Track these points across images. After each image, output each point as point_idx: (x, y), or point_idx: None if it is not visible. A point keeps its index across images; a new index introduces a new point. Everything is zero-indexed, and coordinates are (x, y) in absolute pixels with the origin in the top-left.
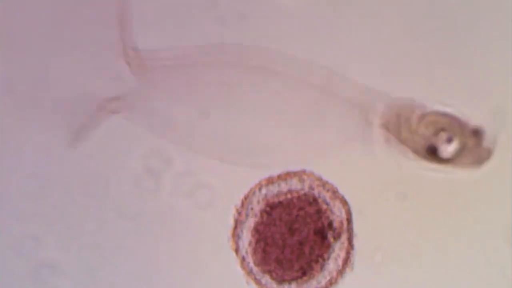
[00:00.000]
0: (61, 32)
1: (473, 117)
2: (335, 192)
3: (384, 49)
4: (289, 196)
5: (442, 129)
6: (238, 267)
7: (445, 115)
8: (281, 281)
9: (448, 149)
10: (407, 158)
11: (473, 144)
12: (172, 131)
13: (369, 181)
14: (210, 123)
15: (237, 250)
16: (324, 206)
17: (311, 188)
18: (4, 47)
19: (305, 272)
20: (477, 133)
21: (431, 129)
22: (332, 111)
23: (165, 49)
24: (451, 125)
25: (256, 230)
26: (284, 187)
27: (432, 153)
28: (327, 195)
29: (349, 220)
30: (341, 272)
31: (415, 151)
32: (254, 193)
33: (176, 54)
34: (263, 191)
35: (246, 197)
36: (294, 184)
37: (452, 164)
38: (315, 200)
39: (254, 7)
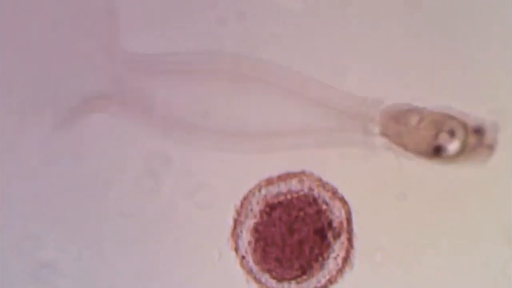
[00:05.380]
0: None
1: (473, 116)
2: (334, 193)
3: (384, 48)
4: (288, 196)
5: (442, 128)
6: (238, 266)
7: (443, 114)
8: (281, 280)
9: (451, 146)
10: (412, 160)
11: (475, 142)
12: (168, 129)
13: (369, 181)
14: (209, 123)
15: (236, 250)
16: (324, 207)
17: (310, 188)
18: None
19: (305, 271)
20: (478, 131)
21: (432, 129)
22: (329, 121)
23: (158, 54)
24: (451, 122)
25: (256, 230)
26: (283, 187)
27: (438, 153)
28: (326, 196)
29: (349, 220)
30: (340, 271)
31: (420, 154)
32: (253, 193)
33: (170, 59)
34: (263, 191)
35: (245, 198)
36: (294, 184)
37: (458, 160)
38: (315, 200)
39: (254, 7)
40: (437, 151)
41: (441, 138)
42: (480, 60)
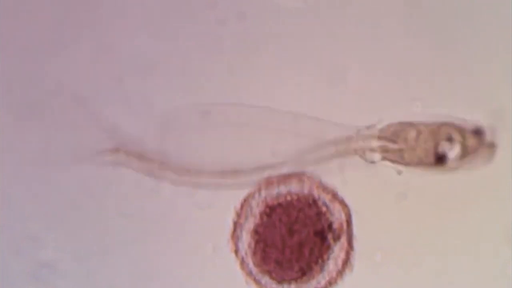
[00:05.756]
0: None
1: (471, 119)
2: (334, 194)
3: (383, 48)
4: (288, 198)
5: (441, 137)
6: (237, 268)
7: (438, 122)
8: (280, 281)
9: (453, 153)
10: (417, 173)
11: (475, 143)
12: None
13: (369, 181)
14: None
15: (236, 251)
16: (324, 208)
17: (310, 190)
18: None
19: (304, 273)
20: (477, 132)
21: (431, 141)
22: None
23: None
24: (448, 129)
25: (256, 231)
26: (283, 189)
27: (441, 162)
28: (326, 197)
29: (349, 222)
30: (340, 273)
31: (425, 167)
32: (253, 195)
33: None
34: (263, 193)
35: (245, 199)
36: (294, 186)
37: (460, 168)
38: (314, 202)
39: (254, 7)
40: (440, 161)
41: (442, 147)
42: (480, 61)
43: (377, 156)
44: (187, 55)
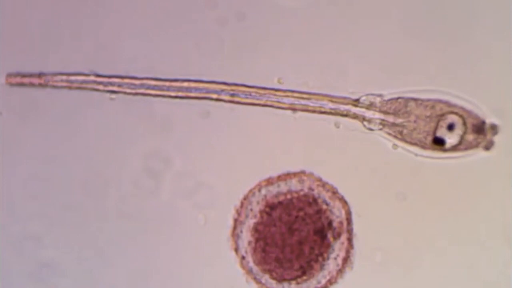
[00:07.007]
0: None
1: (474, 112)
2: (335, 193)
3: (384, 48)
4: (288, 196)
5: (442, 120)
6: (237, 266)
7: (443, 106)
8: (281, 280)
9: (450, 139)
10: (415, 154)
11: (473, 137)
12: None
13: (369, 181)
14: (209, 124)
15: (236, 250)
16: (324, 207)
17: (310, 188)
18: None
19: (305, 272)
20: (477, 126)
21: (432, 122)
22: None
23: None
24: (451, 115)
25: (256, 230)
26: (283, 187)
27: (439, 143)
28: (326, 196)
29: (349, 220)
30: (341, 271)
31: (419, 145)
32: (253, 193)
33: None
34: (263, 191)
35: (245, 198)
36: (294, 184)
37: (459, 149)
38: (314, 200)
39: (254, 7)
40: (436, 143)
41: (441, 130)
42: (480, 60)
43: (376, 123)
44: (187, 55)
